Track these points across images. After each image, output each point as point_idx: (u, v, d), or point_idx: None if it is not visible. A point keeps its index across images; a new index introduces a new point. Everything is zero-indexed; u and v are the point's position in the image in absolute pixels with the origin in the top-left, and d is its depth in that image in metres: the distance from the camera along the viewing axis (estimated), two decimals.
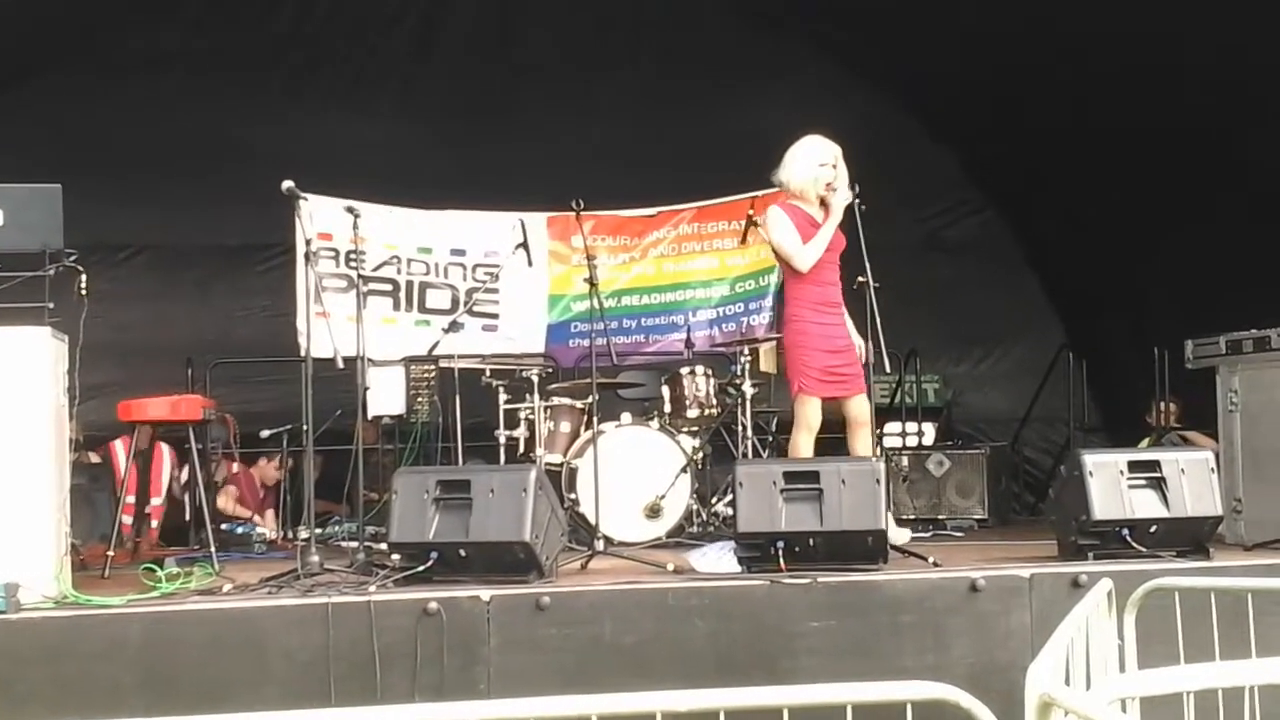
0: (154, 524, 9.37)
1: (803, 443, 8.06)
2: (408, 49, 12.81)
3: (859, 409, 8.06)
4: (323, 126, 12.35)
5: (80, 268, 6.82)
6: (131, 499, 8.66)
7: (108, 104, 11.85)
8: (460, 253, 10.12)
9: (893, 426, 10.83)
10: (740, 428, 9.16)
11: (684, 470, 8.80)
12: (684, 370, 9.30)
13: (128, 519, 8.67)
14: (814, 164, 8.04)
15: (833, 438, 8.20)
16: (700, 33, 13.10)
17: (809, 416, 8.03)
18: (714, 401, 9.24)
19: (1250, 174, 10.12)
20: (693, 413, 9.17)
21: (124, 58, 12.09)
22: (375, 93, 12.82)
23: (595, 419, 8.55)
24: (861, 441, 8.08)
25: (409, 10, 12.80)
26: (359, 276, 8.42)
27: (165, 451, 9.62)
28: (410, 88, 12.81)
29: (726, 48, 13.13)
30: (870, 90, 13.21)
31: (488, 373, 9.24)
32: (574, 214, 8.96)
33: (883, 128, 12.67)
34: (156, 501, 9.37)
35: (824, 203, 8.04)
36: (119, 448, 9.81)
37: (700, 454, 9.09)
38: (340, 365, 7.35)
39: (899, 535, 7.88)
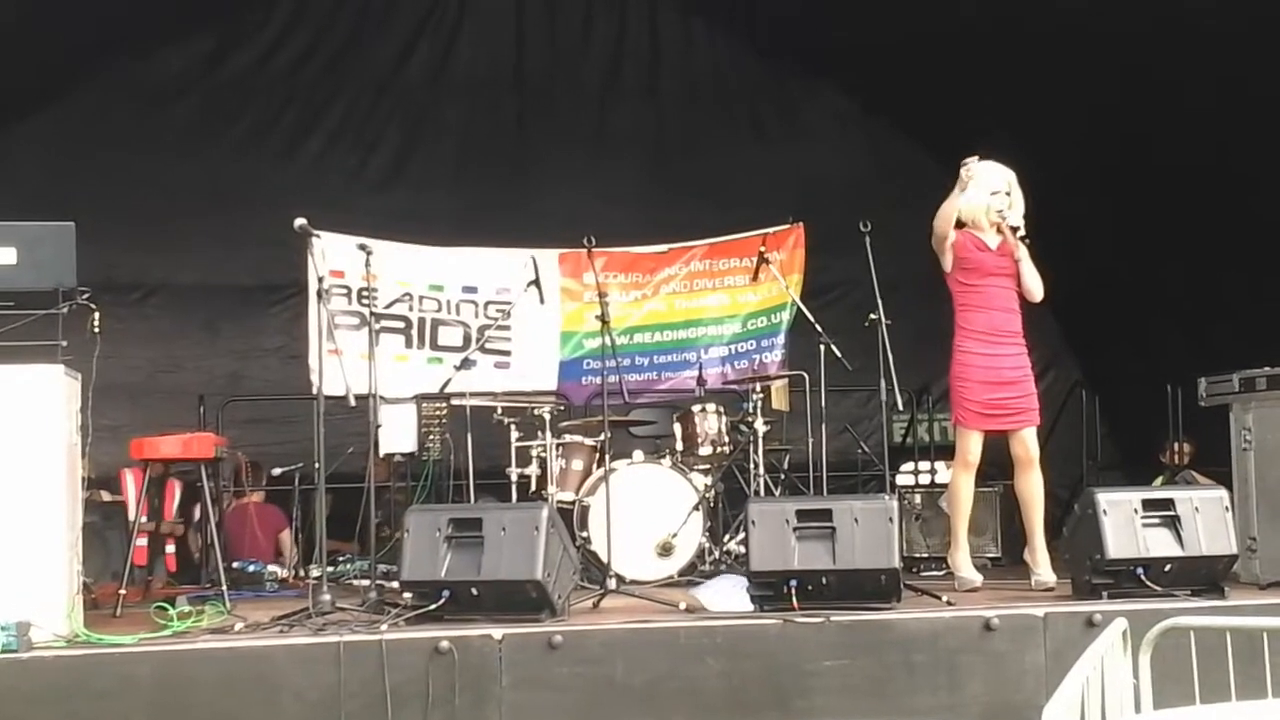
0: (169, 550, 9.32)
1: (961, 482, 7.97)
2: (419, 86, 12.84)
3: (1022, 446, 7.84)
4: (334, 165, 12.41)
5: (93, 306, 6.83)
6: (143, 542, 8.67)
7: (118, 143, 11.86)
8: (472, 290, 10.11)
9: (905, 465, 10.79)
10: (752, 465, 9.14)
11: (696, 508, 8.78)
12: (696, 408, 9.29)
13: (141, 541, 8.65)
14: (985, 191, 7.91)
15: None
16: (712, 69, 13.16)
17: (966, 450, 7.88)
18: (726, 439, 9.24)
19: (1264, 211, 10.11)
20: (705, 450, 9.15)
21: (135, 95, 12.12)
22: (386, 130, 12.85)
23: (607, 456, 8.55)
24: (1025, 484, 7.88)
25: (420, 47, 12.83)
26: (371, 314, 8.44)
27: (175, 485, 9.59)
28: (422, 125, 12.85)
29: (738, 84, 13.19)
30: (882, 124, 13.24)
31: (500, 410, 9.23)
32: (586, 251, 8.99)
33: (895, 162, 12.69)
34: (165, 528, 9.31)
35: (1000, 229, 7.91)
36: (129, 479, 9.82)
37: (712, 492, 9.07)
38: (352, 403, 7.35)
39: (1049, 577, 7.81)
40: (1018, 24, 10.57)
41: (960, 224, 7.99)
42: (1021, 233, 7.85)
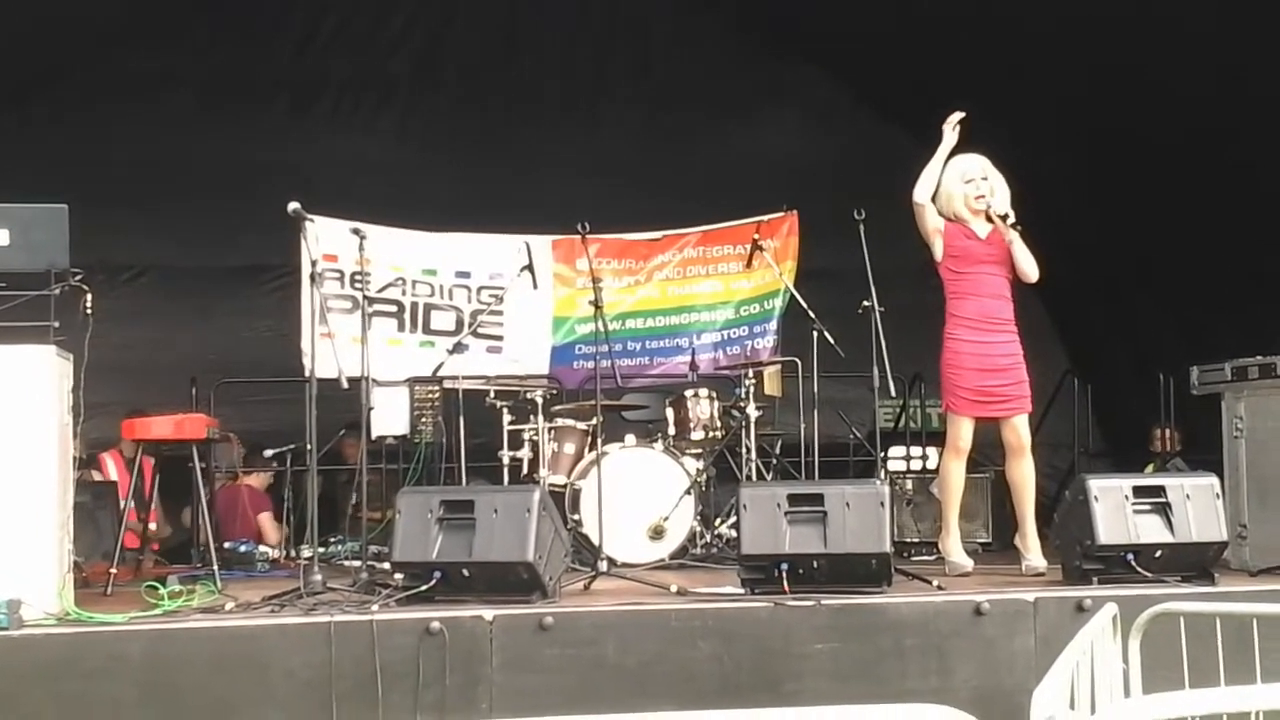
0: (152, 526, 9.30)
1: (952, 468, 7.96)
2: (411, 73, 12.84)
3: (1013, 433, 7.84)
4: (327, 149, 12.38)
5: (85, 287, 6.84)
6: (133, 523, 8.67)
7: (113, 124, 11.86)
8: (465, 275, 10.12)
9: (897, 450, 10.80)
10: (744, 450, 9.16)
11: (688, 492, 8.78)
12: (688, 392, 9.31)
13: (134, 524, 8.65)
14: (959, 180, 7.90)
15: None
16: (704, 57, 13.15)
17: (957, 437, 7.87)
18: (718, 424, 9.24)
19: (1252, 199, 10.12)
20: (697, 435, 9.17)
21: (130, 79, 12.11)
22: (379, 116, 12.86)
23: (599, 440, 8.55)
24: (1018, 471, 7.89)
25: (412, 35, 12.83)
26: (364, 297, 8.43)
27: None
28: (414, 111, 12.86)
29: (730, 72, 13.17)
30: (873, 113, 13.25)
31: (492, 394, 9.22)
32: (579, 237, 8.99)
33: (886, 151, 12.68)
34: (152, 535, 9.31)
35: (989, 217, 7.90)
36: (109, 461, 9.81)
37: (704, 476, 9.08)
38: (345, 386, 7.35)
39: (1039, 562, 7.84)
40: (1008, 14, 10.58)
41: (946, 217, 7.98)
42: (1011, 219, 7.84)
